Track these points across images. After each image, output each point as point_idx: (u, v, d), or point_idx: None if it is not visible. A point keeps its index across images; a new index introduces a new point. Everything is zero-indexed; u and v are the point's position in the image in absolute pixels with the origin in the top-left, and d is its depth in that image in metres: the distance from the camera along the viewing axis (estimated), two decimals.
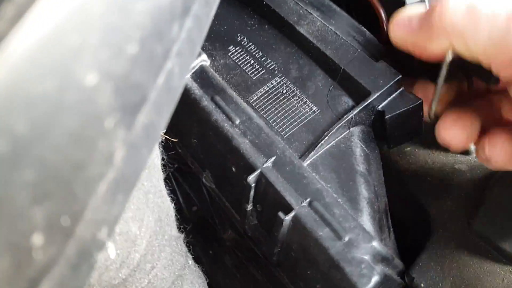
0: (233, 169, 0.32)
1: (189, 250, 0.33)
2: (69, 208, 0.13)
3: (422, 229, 0.37)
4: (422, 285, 0.36)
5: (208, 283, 0.33)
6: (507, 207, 0.35)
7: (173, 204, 0.35)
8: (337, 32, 0.34)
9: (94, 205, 0.13)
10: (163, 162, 0.32)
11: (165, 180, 0.35)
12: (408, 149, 0.41)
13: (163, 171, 0.31)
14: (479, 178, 0.38)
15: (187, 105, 0.34)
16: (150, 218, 0.24)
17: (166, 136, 0.34)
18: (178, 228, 0.32)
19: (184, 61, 0.17)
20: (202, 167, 0.37)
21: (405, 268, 0.33)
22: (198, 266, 0.33)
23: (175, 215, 0.35)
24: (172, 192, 0.39)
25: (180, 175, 0.43)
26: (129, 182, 0.15)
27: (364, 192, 0.30)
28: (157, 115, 0.16)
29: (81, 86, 0.13)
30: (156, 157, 0.26)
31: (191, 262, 0.29)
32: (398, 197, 0.36)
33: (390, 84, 0.32)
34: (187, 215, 0.44)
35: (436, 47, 0.29)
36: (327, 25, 0.35)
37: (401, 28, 0.31)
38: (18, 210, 0.12)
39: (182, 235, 0.29)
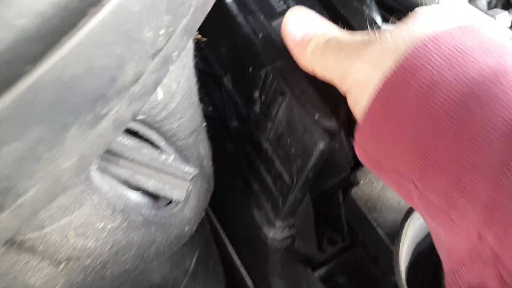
0: (250, 69, 0.45)
1: None
2: None
3: None
4: (361, 181, 0.49)
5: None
6: None
7: None
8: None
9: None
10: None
11: None
12: None
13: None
14: None
15: (224, 19, 0.46)
16: (184, 83, 0.36)
17: (199, 37, 0.47)
18: None
19: None
20: (224, 71, 0.50)
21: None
22: None
23: None
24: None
25: (204, 78, 0.56)
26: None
27: None
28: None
29: None
30: (191, 45, 0.38)
31: (204, 124, 0.42)
32: None
33: None
34: (204, 112, 0.57)
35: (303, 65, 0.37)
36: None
37: (288, 29, 0.38)
38: None
39: (201, 105, 0.41)
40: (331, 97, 0.39)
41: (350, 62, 0.31)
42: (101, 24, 0.19)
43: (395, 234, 0.43)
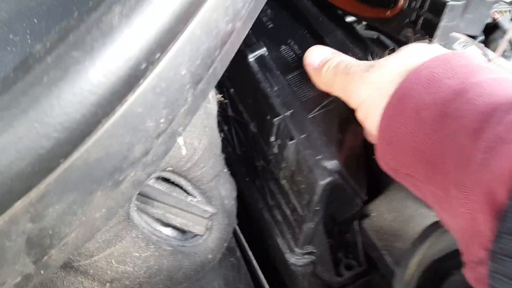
0: (268, 117, 0.53)
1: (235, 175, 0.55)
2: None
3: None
4: (373, 214, 0.55)
5: (240, 193, 0.55)
6: None
7: (230, 145, 0.57)
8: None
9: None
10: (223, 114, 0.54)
11: (227, 129, 0.57)
12: None
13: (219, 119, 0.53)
14: None
15: (247, 75, 0.55)
16: (205, 140, 0.45)
17: (222, 99, 0.56)
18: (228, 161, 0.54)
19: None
20: (251, 118, 0.59)
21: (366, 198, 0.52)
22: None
23: (230, 151, 0.57)
24: (231, 137, 0.61)
25: (237, 125, 0.65)
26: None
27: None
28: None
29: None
30: (213, 107, 0.47)
31: (225, 170, 0.50)
32: None
33: None
34: (238, 153, 0.65)
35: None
36: (346, 40, 0.54)
37: (308, 61, 0.47)
38: None
39: (223, 155, 0.50)
40: (333, 140, 0.46)
41: (355, 85, 0.40)
42: (114, 123, 0.28)
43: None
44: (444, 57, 0.36)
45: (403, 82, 0.36)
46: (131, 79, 0.27)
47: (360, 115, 0.41)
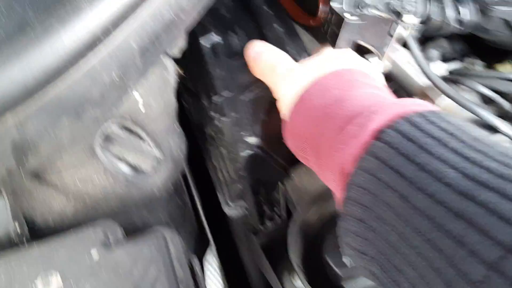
0: (210, 94, 0.66)
1: None
2: None
3: None
4: (294, 176, 0.69)
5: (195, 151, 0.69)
6: None
7: (189, 113, 0.71)
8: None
9: None
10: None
11: (188, 99, 0.72)
12: None
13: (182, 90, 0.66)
14: None
15: (199, 58, 0.68)
16: (161, 102, 0.59)
17: (181, 71, 0.70)
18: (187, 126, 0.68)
19: None
20: (202, 93, 0.73)
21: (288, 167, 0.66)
22: None
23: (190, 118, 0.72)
24: (189, 107, 0.76)
25: (194, 97, 0.79)
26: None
27: None
28: None
29: None
30: (171, 77, 0.61)
31: (176, 127, 0.65)
32: None
33: None
34: (195, 120, 0.78)
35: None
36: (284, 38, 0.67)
37: (248, 52, 0.57)
38: None
39: (175, 116, 0.64)
40: (258, 120, 0.60)
41: (278, 83, 0.51)
42: (79, 71, 0.42)
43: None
44: (338, 72, 0.47)
45: (307, 88, 0.47)
46: (91, 43, 0.41)
47: (279, 106, 0.52)
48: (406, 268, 0.31)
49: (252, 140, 0.60)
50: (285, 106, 0.50)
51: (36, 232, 0.57)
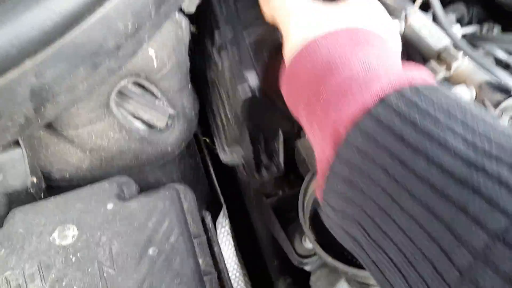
0: (214, 31, 0.66)
1: None
2: None
3: None
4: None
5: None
6: None
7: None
8: None
9: None
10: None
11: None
12: None
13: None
14: None
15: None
16: (173, 57, 0.59)
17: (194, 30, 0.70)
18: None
19: None
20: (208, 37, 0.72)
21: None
22: None
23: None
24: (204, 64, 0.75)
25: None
26: None
27: None
28: None
29: None
30: (185, 35, 0.61)
31: (190, 86, 0.64)
32: None
33: None
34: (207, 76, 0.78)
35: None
36: None
37: None
38: None
39: (189, 74, 0.64)
40: (261, 64, 0.53)
41: (292, 19, 0.44)
42: (95, 19, 0.42)
43: None
44: (354, 30, 0.42)
45: (317, 38, 0.42)
46: None
47: (284, 48, 0.46)
48: (394, 232, 0.30)
49: (253, 82, 0.53)
50: (289, 48, 0.44)
51: (52, 185, 0.57)
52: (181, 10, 0.58)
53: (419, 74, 0.37)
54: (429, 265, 0.27)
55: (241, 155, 0.63)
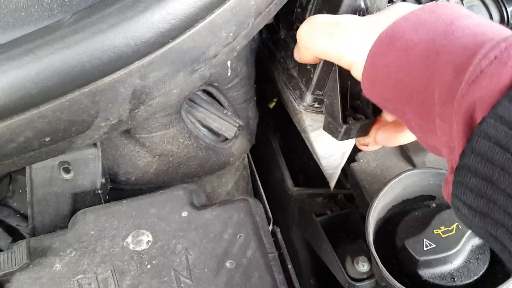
0: None
1: None
2: None
3: None
4: (361, 160, 0.68)
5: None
6: None
7: None
8: None
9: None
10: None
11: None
12: None
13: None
14: None
15: None
16: (244, 70, 0.58)
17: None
18: None
19: None
20: None
21: None
22: None
23: None
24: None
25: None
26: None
27: None
28: None
29: None
30: (255, 46, 0.60)
31: (255, 98, 0.64)
32: None
33: None
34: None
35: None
36: None
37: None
38: None
39: (255, 86, 0.64)
40: None
41: (344, 38, 0.40)
42: (204, 25, 0.41)
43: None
44: (430, 6, 0.38)
45: (392, 25, 0.37)
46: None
47: (353, 72, 0.41)
48: None
49: None
50: (358, 58, 0.39)
51: (116, 187, 0.56)
52: None
53: None
54: None
55: (324, 103, 0.52)
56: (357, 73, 0.40)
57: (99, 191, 0.52)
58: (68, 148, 0.43)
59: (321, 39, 0.42)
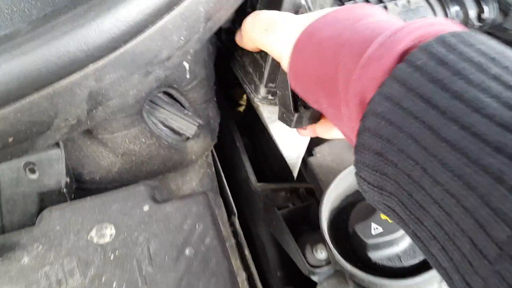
0: None
1: None
2: None
3: None
4: (318, 154, 0.72)
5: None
6: None
7: None
8: None
9: None
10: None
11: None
12: None
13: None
14: None
15: None
16: (203, 72, 0.62)
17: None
18: None
19: None
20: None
21: None
22: None
23: None
24: None
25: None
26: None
27: None
28: None
29: None
30: (213, 50, 0.64)
31: (214, 99, 0.67)
32: None
33: None
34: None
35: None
36: None
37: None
38: None
39: (215, 87, 0.67)
40: None
41: (276, 31, 0.44)
42: (155, 30, 0.45)
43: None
44: (349, 6, 0.41)
45: (314, 21, 0.40)
46: (168, 4, 0.44)
47: (282, 62, 0.44)
48: (430, 206, 0.28)
49: None
50: (285, 51, 0.42)
51: (82, 187, 0.59)
52: None
53: (441, 22, 0.33)
54: (467, 240, 0.25)
55: (277, 95, 0.56)
56: (284, 66, 0.43)
57: (64, 190, 0.55)
58: (31, 148, 0.46)
59: (259, 32, 0.46)
